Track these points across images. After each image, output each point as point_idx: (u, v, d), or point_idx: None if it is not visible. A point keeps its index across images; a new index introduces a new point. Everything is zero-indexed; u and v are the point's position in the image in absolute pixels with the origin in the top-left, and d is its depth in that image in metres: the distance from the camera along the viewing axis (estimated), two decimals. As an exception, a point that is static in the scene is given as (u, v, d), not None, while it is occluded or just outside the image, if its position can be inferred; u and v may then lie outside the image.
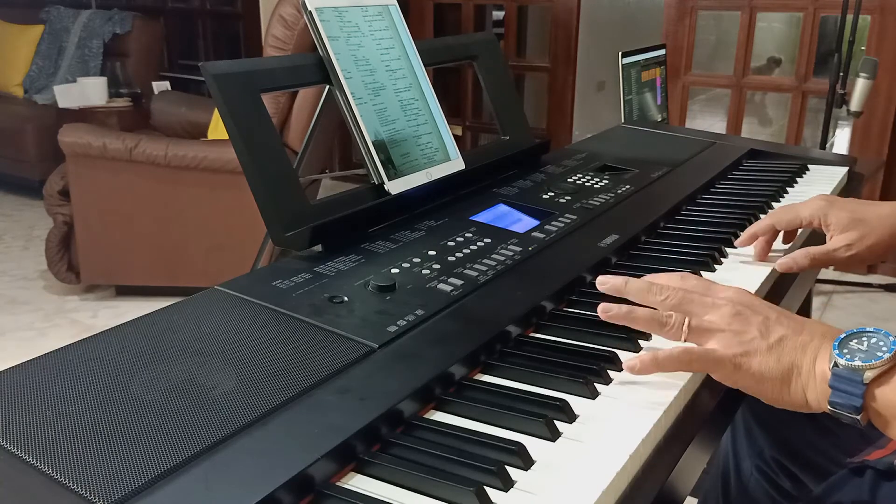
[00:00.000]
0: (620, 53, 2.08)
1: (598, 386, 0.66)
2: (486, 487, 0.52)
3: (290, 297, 0.74)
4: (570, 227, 0.98)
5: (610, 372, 0.68)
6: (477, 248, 0.89)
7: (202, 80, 0.85)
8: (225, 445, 0.53)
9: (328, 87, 0.96)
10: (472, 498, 0.51)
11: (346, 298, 0.74)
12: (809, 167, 1.40)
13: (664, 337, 0.67)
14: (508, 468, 0.54)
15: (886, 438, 0.76)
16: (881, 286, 2.96)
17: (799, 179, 1.33)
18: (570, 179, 1.17)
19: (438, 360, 0.66)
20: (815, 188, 1.27)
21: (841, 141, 5.26)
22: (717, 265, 0.93)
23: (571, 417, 0.62)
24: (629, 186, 1.16)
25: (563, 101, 3.71)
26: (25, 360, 0.61)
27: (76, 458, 0.50)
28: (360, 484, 0.54)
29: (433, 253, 0.86)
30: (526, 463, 0.56)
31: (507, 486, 0.53)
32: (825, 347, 0.62)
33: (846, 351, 0.61)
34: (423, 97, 1.05)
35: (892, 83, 2.91)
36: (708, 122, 5.68)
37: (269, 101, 2.17)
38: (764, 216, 0.96)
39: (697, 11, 3.24)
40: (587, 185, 1.15)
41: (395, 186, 0.96)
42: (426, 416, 0.63)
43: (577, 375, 0.66)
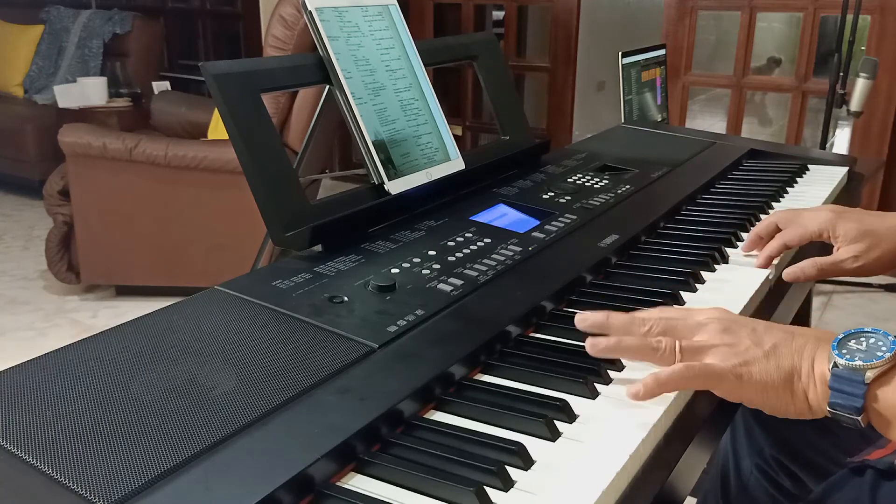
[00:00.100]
0: (620, 53, 2.08)
1: (598, 386, 0.66)
2: (486, 487, 0.52)
3: (290, 297, 0.74)
4: (570, 227, 0.98)
5: (610, 372, 0.68)
6: (477, 248, 0.89)
7: (202, 80, 0.85)
8: (225, 445, 0.53)
9: (328, 87, 0.96)
10: (472, 498, 0.51)
11: (346, 298, 0.74)
12: (809, 167, 1.40)
13: (657, 363, 0.65)
14: (508, 468, 0.54)
15: (886, 438, 0.76)
16: (881, 286, 2.96)
17: (799, 179, 1.33)
18: (570, 179, 1.17)
19: (438, 360, 0.66)
20: (815, 188, 1.27)
21: (841, 141, 5.26)
22: (717, 265, 0.93)
23: (571, 417, 0.62)
24: (629, 186, 1.16)
25: (563, 101, 3.71)
26: (25, 360, 0.61)
27: (76, 458, 0.50)
28: (360, 484, 0.54)
29: (433, 253, 0.86)
30: (526, 463, 0.56)
31: (507, 486, 0.53)
32: (822, 349, 0.62)
33: (845, 351, 0.60)
34: (423, 97, 1.05)
35: (892, 83, 2.91)
36: (708, 122, 5.68)
37: (269, 101, 2.17)
38: (770, 220, 0.95)
39: (697, 11, 3.24)
40: (587, 185, 1.15)
41: (395, 186, 0.96)
42: (426, 416, 0.63)
43: (577, 375, 0.66)
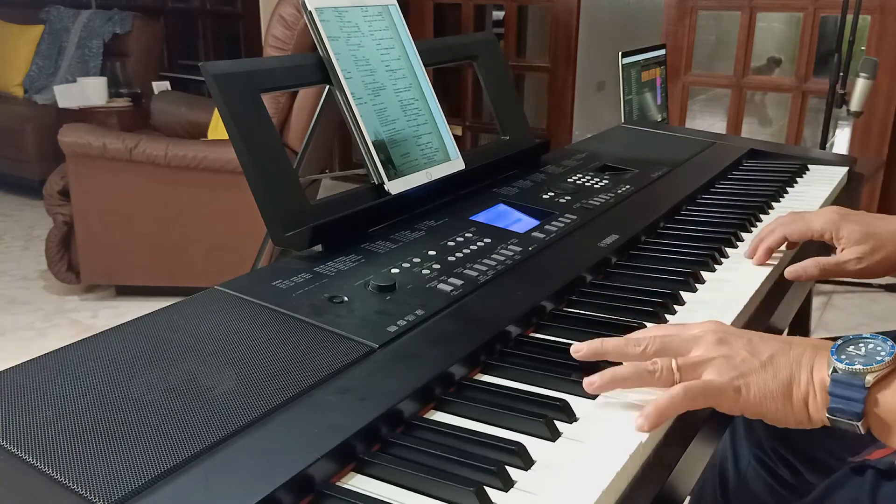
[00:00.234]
0: (620, 53, 2.09)
1: (598, 386, 0.66)
2: (486, 487, 0.52)
3: (290, 297, 0.74)
4: (570, 227, 0.98)
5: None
6: (477, 248, 0.89)
7: (202, 80, 0.85)
8: (225, 445, 0.53)
9: (328, 87, 0.96)
10: (472, 498, 0.51)
11: (346, 298, 0.74)
12: (809, 167, 1.40)
13: (656, 385, 0.63)
14: (508, 468, 0.54)
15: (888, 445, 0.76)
16: (881, 286, 2.96)
17: (799, 179, 1.33)
18: (570, 179, 1.17)
19: (438, 360, 0.66)
20: (815, 188, 1.27)
21: (841, 141, 5.26)
22: (717, 265, 0.93)
23: (571, 417, 0.62)
24: (629, 186, 1.16)
25: (563, 101, 3.71)
26: (25, 360, 0.61)
27: (76, 458, 0.50)
28: (360, 484, 0.54)
29: (433, 253, 0.86)
30: (526, 463, 0.56)
31: (507, 486, 0.53)
32: (821, 357, 0.61)
33: (844, 356, 0.60)
34: (423, 97, 1.05)
35: (892, 83, 2.91)
36: (708, 122, 5.68)
37: (269, 101, 2.17)
38: (775, 226, 0.95)
39: (697, 11, 3.24)
40: (587, 185, 1.15)
41: (395, 186, 0.96)
42: (426, 416, 0.63)
43: (577, 375, 0.66)
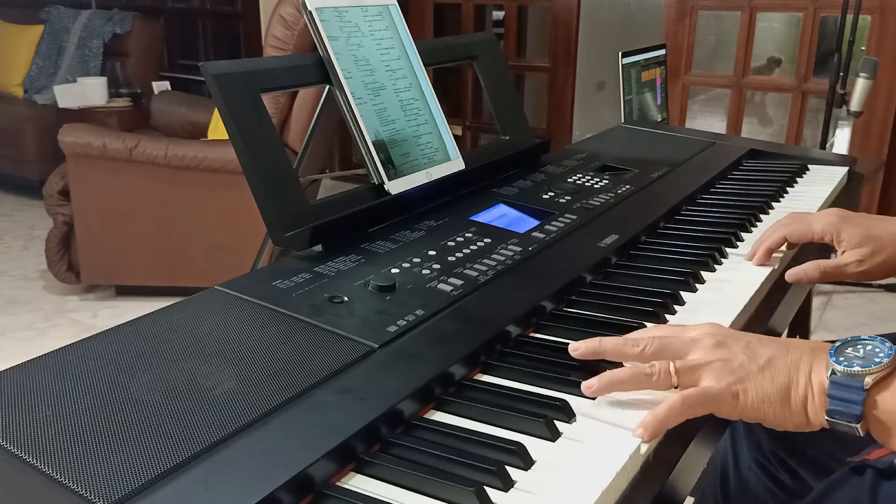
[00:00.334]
0: (620, 53, 2.08)
1: (598, 386, 0.66)
2: (486, 487, 0.52)
3: (290, 297, 0.74)
4: (570, 227, 0.98)
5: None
6: (477, 248, 0.89)
7: (202, 80, 0.85)
8: (225, 445, 0.53)
9: (328, 87, 0.96)
10: (472, 498, 0.51)
11: (346, 298, 0.74)
12: (809, 167, 1.40)
13: (654, 388, 0.63)
14: (508, 468, 0.54)
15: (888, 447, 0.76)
16: (881, 286, 2.96)
17: (799, 179, 1.33)
18: (570, 179, 1.17)
19: (438, 360, 0.66)
20: (815, 188, 1.27)
21: (841, 141, 5.26)
22: (717, 265, 0.93)
23: (571, 417, 0.62)
24: (629, 186, 1.16)
25: (563, 101, 3.71)
26: (25, 360, 0.61)
27: (76, 458, 0.50)
28: (360, 484, 0.54)
29: (433, 253, 0.86)
30: (526, 463, 0.56)
31: (507, 486, 0.53)
32: (819, 360, 0.61)
33: (843, 358, 0.59)
34: (423, 97, 1.05)
35: (892, 83, 2.91)
36: (708, 122, 5.69)
37: (269, 101, 2.17)
38: (775, 227, 0.95)
39: (697, 11, 3.24)
40: (587, 185, 1.15)
41: (395, 186, 0.96)
42: (426, 416, 0.63)
43: (577, 375, 0.66)
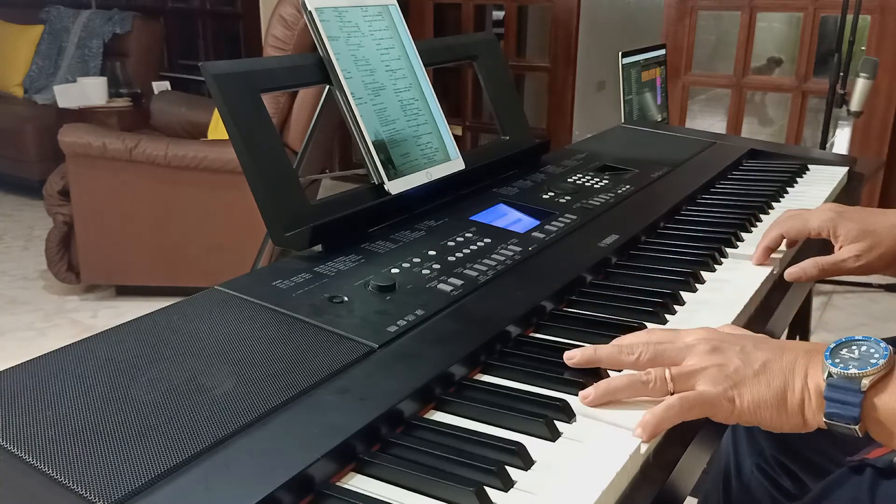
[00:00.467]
0: (620, 53, 2.08)
1: (598, 386, 0.66)
2: (486, 487, 0.52)
3: (290, 297, 0.74)
4: (570, 227, 0.98)
5: (610, 372, 0.68)
6: (477, 248, 0.89)
7: (202, 80, 0.85)
8: (225, 445, 0.53)
9: (328, 87, 0.96)
10: (472, 498, 0.51)
11: (346, 298, 0.74)
12: (809, 167, 1.40)
13: (650, 395, 0.63)
14: (508, 468, 0.54)
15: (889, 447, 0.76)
16: (881, 286, 2.96)
17: (799, 179, 1.33)
18: (570, 179, 1.17)
19: (438, 360, 0.66)
20: (815, 188, 1.27)
21: (841, 141, 5.26)
22: (717, 265, 0.93)
23: (571, 417, 0.62)
24: (629, 186, 1.16)
25: (563, 101, 3.71)
26: (25, 360, 0.61)
27: (76, 458, 0.50)
28: (360, 484, 0.54)
29: (433, 253, 0.86)
30: (526, 463, 0.56)
31: (507, 486, 0.53)
32: (814, 362, 0.61)
33: (838, 360, 0.59)
34: (423, 97, 1.05)
35: (892, 83, 2.91)
36: (708, 122, 5.68)
37: (269, 101, 2.17)
38: (772, 225, 0.95)
39: (697, 11, 3.24)
40: (587, 185, 1.15)
41: (395, 186, 0.96)
42: (426, 416, 0.63)
43: (577, 375, 0.66)
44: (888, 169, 3.00)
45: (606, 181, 1.17)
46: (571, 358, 0.67)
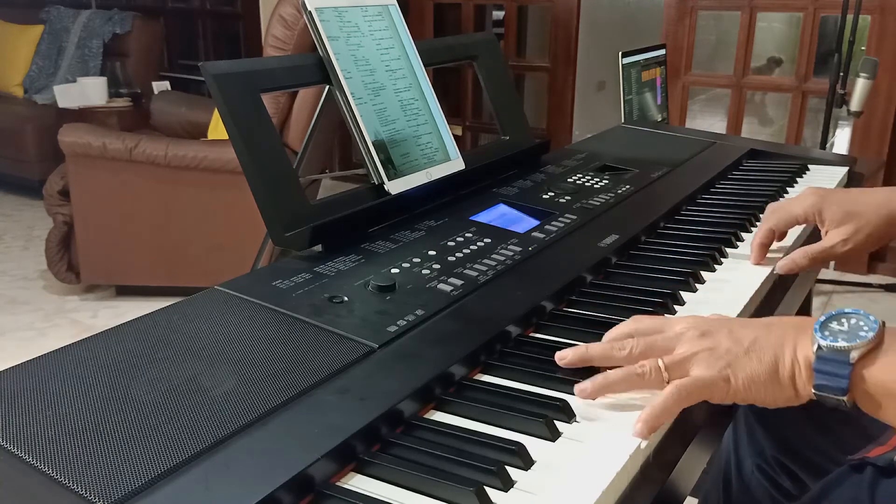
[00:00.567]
0: (620, 53, 2.09)
1: (598, 386, 0.66)
2: (486, 487, 0.52)
3: (290, 297, 0.74)
4: (570, 227, 0.98)
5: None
6: (477, 248, 0.89)
7: (202, 80, 0.85)
8: (225, 445, 0.53)
9: (328, 87, 0.96)
10: (472, 498, 0.51)
11: (346, 298, 0.74)
12: (809, 167, 1.40)
13: (646, 388, 0.64)
14: (508, 468, 0.54)
15: (887, 435, 0.76)
16: (881, 286, 2.96)
17: (799, 179, 1.33)
18: (570, 179, 1.17)
19: (438, 360, 0.66)
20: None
21: (841, 141, 5.26)
22: (717, 265, 0.93)
23: (571, 417, 0.62)
24: (629, 186, 1.16)
25: (563, 101, 3.71)
26: (25, 360, 0.61)
27: (76, 458, 0.50)
28: (360, 484, 0.54)
29: (433, 253, 0.86)
30: (526, 463, 0.56)
31: (507, 486, 0.53)
32: (804, 336, 0.62)
33: (828, 333, 0.60)
34: (423, 97, 1.05)
35: (892, 83, 2.91)
36: (708, 122, 5.68)
37: (269, 101, 2.17)
38: (760, 222, 0.95)
39: (697, 11, 3.24)
40: (587, 185, 1.15)
41: (395, 186, 0.96)
42: (426, 416, 0.63)
43: (577, 375, 0.66)
44: (888, 169, 3.00)
45: (606, 181, 1.17)
46: (563, 358, 0.68)
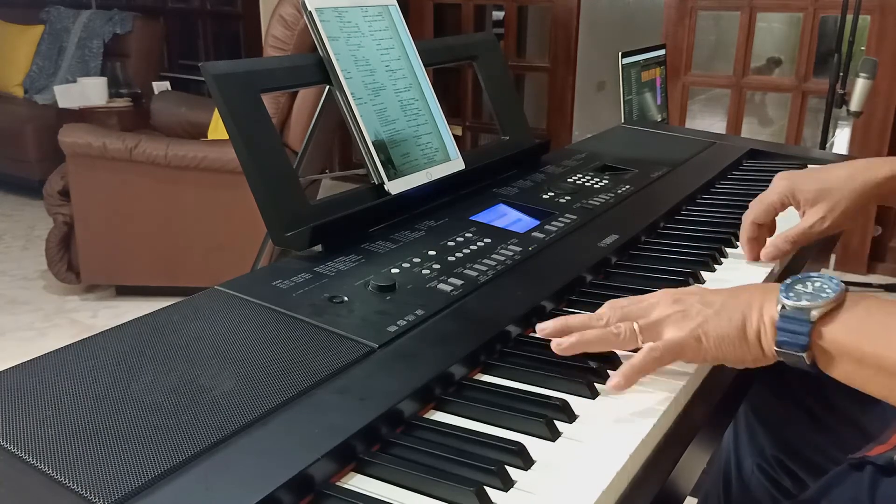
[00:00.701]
0: (620, 53, 2.08)
1: (598, 386, 0.66)
2: (486, 487, 0.52)
3: (290, 297, 0.74)
4: (570, 227, 0.98)
5: (610, 372, 0.68)
6: (477, 248, 0.89)
7: (202, 80, 0.85)
8: (225, 445, 0.53)
9: (328, 87, 0.96)
10: (472, 498, 0.51)
11: (346, 298, 0.74)
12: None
13: (620, 349, 0.68)
14: (508, 468, 0.54)
15: (887, 434, 0.76)
16: (881, 286, 2.96)
17: (799, 179, 1.32)
18: (570, 179, 1.17)
19: (438, 360, 0.66)
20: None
21: (841, 141, 5.26)
22: (717, 265, 0.93)
23: (571, 417, 0.62)
24: (629, 186, 1.16)
25: (563, 101, 3.71)
26: (25, 360, 0.61)
27: (76, 458, 0.50)
28: (360, 484, 0.54)
29: (433, 253, 0.86)
30: (526, 463, 0.56)
31: (507, 486, 0.53)
32: (770, 297, 0.65)
33: (792, 294, 0.63)
34: (423, 97, 1.05)
35: (892, 83, 2.90)
36: (708, 122, 5.68)
37: (269, 101, 2.17)
38: (745, 221, 0.95)
39: (697, 11, 3.24)
40: (587, 185, 1.15)
41: (395, 186, 0.96)
42: (426, 416, 0.63)
43: (577, 375, 0.66)
44: (888, 169, 2.99)
45: (606, 181, 1.17)
46: (544, 328, 0.70)
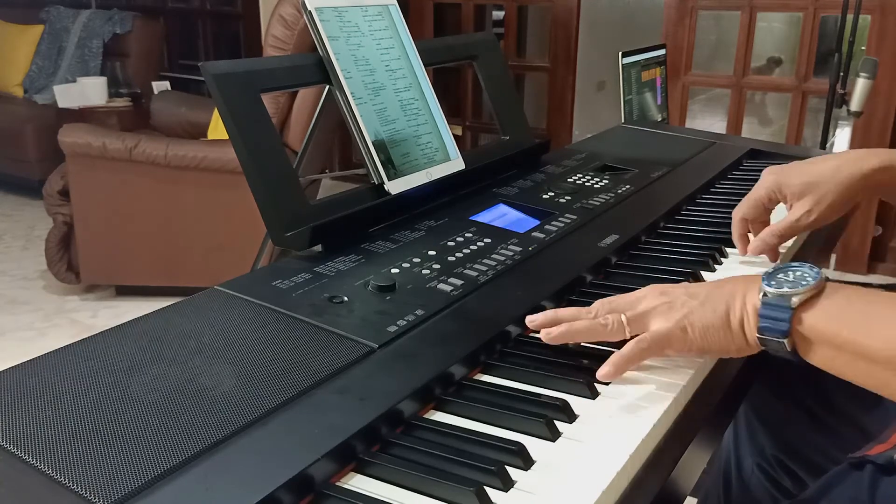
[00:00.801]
0: (620, 53, 2.08)
1: (598, 386, 0.66)
2: (486, 487, 0.52)
3: (290, 297, 0.74)
4: (570, 227, 0.98)
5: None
6: (477, 248, 0.89)
7: (202, 80, 0.85)
8: (225, 445, 0.53)
9: (328, 87, 0.96)
10: (472, 498, 0.51)
11: (346, 298, 0.74)
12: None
13: (608, 339, 0.70)
14: (508, 468, 0.54)
15: (887, 433, 0.76)
16: (881, 286, 2.96)
17: (799, 179, 1.32)
18: (570, 179, 1.17)
19: (438, 360, 0.66)
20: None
21: (841, 141, 5.26)
22: (717, 265, 0.93)
23: (571, 417, 0.62)
24: (629, 186, 1.16)
25: (563, 101, 3.71)
26: (25, 360, 0.61)
27: (76, 458, 0.50)
28: (360, 484, 0.54)
29: (433, 253, 0.86)
30: (526, 463, 0.56)
31: (507, 486, 0.53)
32: (752, 286, 0.66)
33: (774, 282, 0.65)
34: (423, 97, 1.05)
35: (892, 83, 2.90)
36: (708, 122, 5.68)
37: (269, 101, 2.17)
38: (734, 218, 0.95)
39: (697, 11, 3.24)
40: (587, 185, 1.15)
41: (395, 186, 0.96)
42: (426, 416, 0.63)
43: (577, 375, 0.66)
44: (888, 169, 3.00)
45: (606, 181, 1.17)
46: (533, 321, 0.72)
